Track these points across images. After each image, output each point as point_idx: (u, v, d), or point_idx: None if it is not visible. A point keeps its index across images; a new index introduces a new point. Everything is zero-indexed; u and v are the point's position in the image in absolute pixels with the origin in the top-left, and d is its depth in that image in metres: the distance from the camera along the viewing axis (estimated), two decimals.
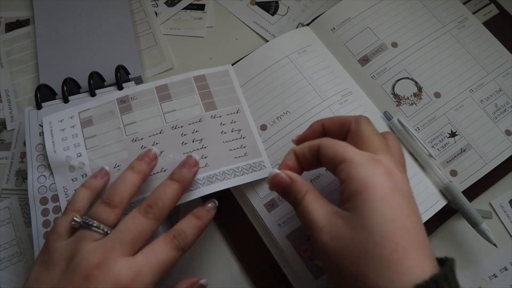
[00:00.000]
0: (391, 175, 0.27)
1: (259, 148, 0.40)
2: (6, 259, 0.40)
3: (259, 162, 0.39)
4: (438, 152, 0.42)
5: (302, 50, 0.45)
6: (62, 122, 0.40)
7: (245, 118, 0.42)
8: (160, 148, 0.38)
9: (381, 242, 0.25)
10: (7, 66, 0.50)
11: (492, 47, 0.45)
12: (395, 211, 0.26)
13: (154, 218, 0.32)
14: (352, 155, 0.28)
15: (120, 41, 0.49)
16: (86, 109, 0.41)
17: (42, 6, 0.52)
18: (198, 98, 0.41)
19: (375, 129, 0.32)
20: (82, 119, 0.40)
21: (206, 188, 0.37)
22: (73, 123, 0.40)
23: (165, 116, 0.40)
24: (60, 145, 0.40)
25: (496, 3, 0.48)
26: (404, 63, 0.44)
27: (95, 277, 0.28)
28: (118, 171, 0.38)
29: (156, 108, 0.40)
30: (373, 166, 0.28)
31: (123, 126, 0.40)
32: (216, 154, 0.39)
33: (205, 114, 0.40)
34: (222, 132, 0.40)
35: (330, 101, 0.42)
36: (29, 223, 0.42)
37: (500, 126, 0.42)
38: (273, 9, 0.52)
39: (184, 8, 0.53)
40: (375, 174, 0.27)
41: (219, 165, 0.38)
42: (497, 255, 0.39)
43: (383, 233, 0.25)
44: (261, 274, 0.39)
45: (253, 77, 0.44)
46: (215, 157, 0.39)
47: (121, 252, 0.29)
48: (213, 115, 0.41)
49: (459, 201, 0.38)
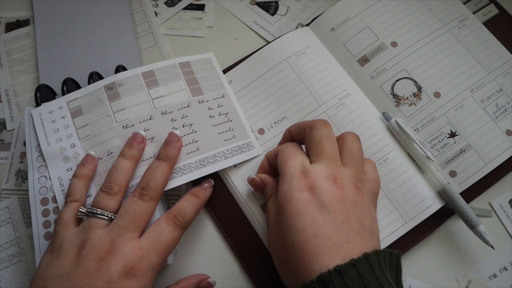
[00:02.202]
0: (313, 189, 0.30)
1: (246, 129, 0.42)
2: (6, 259, 0.40)
3: (247, 143, 0.41)
4: (437, 152, 0.41)
5: (301, 52, 0.44)
6: (51, 114, 0.41)
7: (231, 102, 0.43)
8: (151, 134, 0.39)
9: (292, 249, 0.29)
10: (7, 66, 0.50)
11: (492, 47, 0.45)
12: (307, 223, 0.29)
13: (150, 199, 0.34)
14: (286, 169, 0.32)
15: (120, 41, 0.49)
16: (75, 98, 0.41)
17: (42, 6, 0.52)
18: (185, 84, 0.42)
19: (329, 134, 0.34)
20: (71, 109, 0.41)
21: (199, 171, 0.39)
22: (63, 113, 0.41)
23: (153, 102, 0.41)
24: (52, 137, 0.40)
25: (496, 3, 0.48)
26: (404, 63, 0.44)
27: (106, 261, 0.31)
28: (112, 158, 0.39)
29: (144, 94, 0.41)
30: (297, 182, 0.31)
31: (113, 114, 0.40)
32: (206, 138, 0.40)
33: (193, 99, 0.42)
34: (210, 116, 0.41)
35: (327, 105, 0.42)
36: (29, 223, 0.42)
37: (501, 126, 0.42)
38: (273, 9, 0.52)
39: (184, 8, 0.53)
40: (295, 190, 0.30)
41: (209, 148, 0.40)
42: (496, 255, 0.39)
43: (294, 242, 0.29)
44: (261, 274, 0.39)
45: (252, 81, 0.44)
46: (205, 141, 0.40)
47: (127, 237, 0.32)
48: (201, 100, 0.42)
49: (456, 203, 0.38)
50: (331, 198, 0.30)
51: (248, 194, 0.40)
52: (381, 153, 0.40)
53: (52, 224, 0.38)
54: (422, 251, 0.40)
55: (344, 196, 0.30)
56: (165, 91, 0.41)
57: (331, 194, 0.30)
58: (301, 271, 0.28)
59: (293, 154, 0.34)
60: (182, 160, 0.39)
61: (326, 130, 0.34)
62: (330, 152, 0.32)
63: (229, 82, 0.44)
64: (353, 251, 0.28)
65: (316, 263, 0.27)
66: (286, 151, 0.34)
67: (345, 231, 0.29)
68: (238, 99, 0.44)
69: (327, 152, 0.32)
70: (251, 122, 0.43)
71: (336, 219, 0.29)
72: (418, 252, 0.40)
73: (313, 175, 0.31)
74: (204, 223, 0.42)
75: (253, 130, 0.42)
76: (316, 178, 0.30)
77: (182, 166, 0.39)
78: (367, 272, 0.27)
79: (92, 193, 0.38)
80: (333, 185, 0.30)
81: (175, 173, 0.38)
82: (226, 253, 0.40)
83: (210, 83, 0.43)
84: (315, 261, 0.27)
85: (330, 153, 0.32)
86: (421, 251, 0.40)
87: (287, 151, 0.34)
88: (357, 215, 0.30)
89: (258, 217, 0.39)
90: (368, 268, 0.27)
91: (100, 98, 0.41)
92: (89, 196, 0.38)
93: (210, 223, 0.42)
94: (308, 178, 0.31)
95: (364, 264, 0.27)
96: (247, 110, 0.43)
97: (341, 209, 0.29)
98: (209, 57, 0.45)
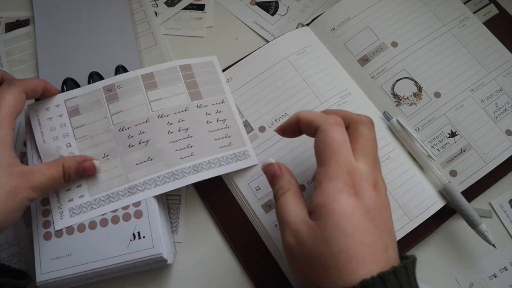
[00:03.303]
0: (359, 194, 0.29)
1: (244, 138, 0.41)
2: (6, 259, 0.40)
3: (244, 152, 0.40)
4: (438, 152, 0.41)
5: (302, 51, 0.44)
6: (48, 111, 0.40)
7: (230, 108, 0.42)
8: (147, 137, 0.39)
9: (337, 255, 0.27)
10: (7, 66, 0.50)
11: (492, 47, 0.45)
12: (355, 228, 0.27)
13: None
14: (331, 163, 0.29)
15: (120, 41, 0.49)
16: (73, 97, 0.41)
17: (42, 6, 0.52)
18: (184, 87, 0.41)
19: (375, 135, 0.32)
20: (68, 107, 0.40)
21: (192, 177, 0.38)
22: (60, 111, 0.40)
23: (151, 104, 0.40)
24: (49, 135, 0.40)
25: (496, 3, 0.48)
26: (404, 63, 0.44)
27: None
28: (107, 160, 0.39)
29: (142, 97, 0.40)
30: (344, 183, 0.29)
31: (110, 115, 0.40)
32: (202, 143, 0.40)
33: (191, 104, 0.41)
34: (208, 122, 0.41)
35: (329, 103, 0.42)
36: (29, 223, 0.42)
37: (501, 126, 0.42)
38: (273, 9, 0.52)
39: (184, 8, 0.53)
40: (342, 191, 0.28)
41: (204, 154, 0.39)
42: (496, 255, 0.39)
43: (340, 247, 0.27)
44: (261, 273, 0.39)
45: (252, 78, 0.44)
46: (200, 147, 0.39)
47: None
48: (199, 104, 0.41)
49: (458, 202, 0.38)
50: (374, 204, 0.29)
51: (249, 192, 0.40)
52: (383, 151, 0.40)
53: (52, 224, 0.38)
54: (422, 251, 0.40)
55: (382, 203, 0.30)
56: (164, 93, 0.41)
57: (374, 200, 0.29)
58: (343, 277, 0.27)
59: (343, 146, 0.30)
60: (176, 164, 0.38)
61: (374, 131, 0.33)
62: (375, 154, 0.31)
63: (229, 80, 0.44)
64: (392, 260, 0.28)
65: (361, 270, 0.27)
66: (335, 140, 0.30)
67: (385, 238, 0.29)
68: (239, 96, 0.43)
69: (374, 154, 0.31)
70: (251, 119, 0.43)
71: (379, 227, 0.28)
72: (418, 252, 0.40)
73: (359, 178, 0.29)
74: (204, 223, 0.42)
75: (254, 128, 0.42)
76: (363, 182, 0.29)
77: (175, 171, 0.38)
78: (406, 281, 0.27)
79: (84, 194, 0.38)
80: (374, 191, 0.29)
81: (167, 177, 0.38)
82: (226, 253, 0.40)
83: (210, 87, 0.43)
84: (361, 267, 0.27)
85: (375, 155, 0.31)
86: (421, 251, 0.40)
87: (336, 139, 0.30)
88: (391, 223, 0.30)
89: (259, 216, 0.39)
90: (406, 277, 0.27)
91: (99, 99, 0.40)
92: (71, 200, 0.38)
93: (210, 222, 0.42)
94: (354, 180, 0.29)
95: (403, 273, 0.27)
96: (248, 107, 0.43)
97: (380, 216, 0.29)
98: (211, 61, 0.44)
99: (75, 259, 0.36)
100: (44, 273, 0.36)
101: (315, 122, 0.32)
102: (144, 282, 0.39)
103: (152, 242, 0.36)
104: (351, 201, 0.28)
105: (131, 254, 0.36)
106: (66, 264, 0.36)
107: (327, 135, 0.30)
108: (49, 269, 0.36)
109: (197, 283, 0.39)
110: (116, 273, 0.38)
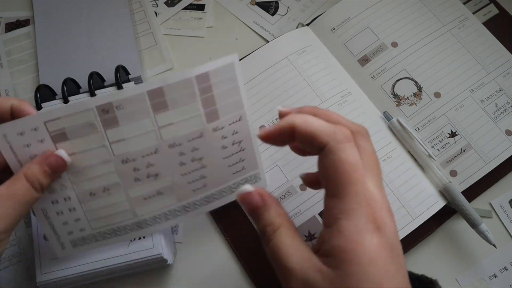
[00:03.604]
0: (381, 229, 0.24)
1: (257, 159, 0.36)
2: (6, 259, 0.40)
3: (255, 175, 0.37)
4: (438, 152, 0.42)
5: (302, 50, 0.45)
6: (23, 136, 0.30)
7: (247, 126, 0.36)
8: (156, 170, 0.33)
9: None
10: (7, 66, 0.50)
11: (492, 47, 0.45)
12: (383, 274, 0.23)
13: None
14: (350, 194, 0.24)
15: (120, 41, 0.49)
16: (55, 118, 0.31)
17: (42, 6, 0.52)
18: (200, 107, 0.33)
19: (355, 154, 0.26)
20: (51, 131, 0.31)
21: (203, 208, 0.35)
22: (40, 136, 0.31)
23: (160, 131, 0.33)
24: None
25: (496, 3, 0.48)
26: (404, 63, 0.44)
27: None
28: (109, 195, 0.33)
29: (149, 122, 0.32)
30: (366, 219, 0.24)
31: (109, 144, 0.32)
32: (216, 173, 0.35)
33: (207, 127, 0.34)
34: (223, 147, 0.35)
35: (329, 102, 0.42)
36: (29, 223, 0.42)
37: (500, 126, 0.42)
38: (273, 9, 0.52)
39: (184, 8, 0.53)
40: (365, 230, 0.24)
41: (217, 184, 0.35)
42: (497, 255, 0.39)
43: None
44: (262, 274, 0.39)
45: (253, 78, 0.44)
46: (214, 177, 0.35)
47: None
48: (215, 127, 0.34)
49: (458, 201, 0.38)
50: (396, 237, 0.25)
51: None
52: (384, 151, 0.41)
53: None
54: (422, 251, 0.40)
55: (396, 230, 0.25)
56: (176, 117, 0.33)
57: (395, 232, 0.25)
58: None
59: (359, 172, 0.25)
60: (188, 198, 0.35)
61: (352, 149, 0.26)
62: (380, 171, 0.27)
63: None
64: None
65: None
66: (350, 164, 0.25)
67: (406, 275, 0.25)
68: None
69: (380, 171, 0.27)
70: (252, 118, 0.42)
71: (402, 263, 0.25)
72: (418, 252, 0.40)
73: (379, 208, 0.24)
74: (204, 223, 0.42)
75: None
76: (382, 212, 0.25)
77: (187, 204, 0.35)
78: None
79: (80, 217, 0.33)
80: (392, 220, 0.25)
81: (178, 211, 0.35)
82: (226, 253, 0.40)
83: (229, 101, 0.35)
84: None
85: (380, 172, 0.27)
86: (421, 251, 0.40)
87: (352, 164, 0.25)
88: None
89: None
90: None
91: (92, 123, 0.31)
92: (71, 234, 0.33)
93: (210, 222, 0.42)
94: (374, 212, 0.24)
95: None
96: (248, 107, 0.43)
97: (400, 247, 0.25)
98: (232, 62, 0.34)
99: (75, 260, 0.36)
100: (45, 273, 0.36)
101: (320, 138, 0.25)
102: (144, 282, 0.39)
103: (152, 242, 0.36)
104: (375, 241, 0.24)
105: (132, 254, 0.36)
106: (67, 264, 0.36)
107: (341, 159, 0.25)
108: (49, 269, 0.36)
109: (197, 283, 0.39)
110: (117, 273, 0.38)
